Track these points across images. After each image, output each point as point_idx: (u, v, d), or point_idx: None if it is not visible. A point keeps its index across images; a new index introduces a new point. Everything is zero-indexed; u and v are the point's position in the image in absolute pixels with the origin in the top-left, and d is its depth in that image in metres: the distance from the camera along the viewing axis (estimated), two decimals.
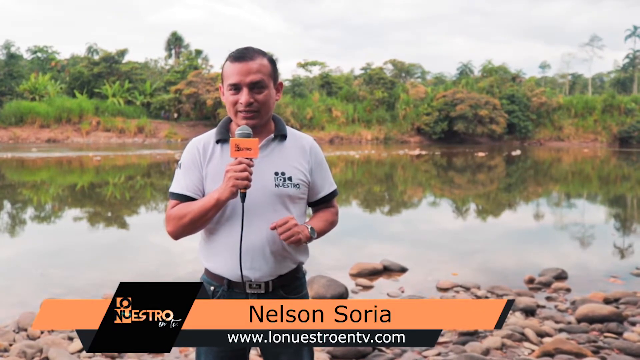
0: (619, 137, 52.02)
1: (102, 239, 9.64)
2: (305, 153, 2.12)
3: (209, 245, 2.09)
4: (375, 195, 16.25)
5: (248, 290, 2.04)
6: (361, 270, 7.03)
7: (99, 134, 45.98)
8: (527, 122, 51.87)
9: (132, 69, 52.72)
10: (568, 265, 7.44)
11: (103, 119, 46.75)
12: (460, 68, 67.07)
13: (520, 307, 5.49)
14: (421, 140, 50.84)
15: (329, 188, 2.21)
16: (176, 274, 7.09)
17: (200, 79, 47.76)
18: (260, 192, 2.00)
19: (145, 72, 55.82)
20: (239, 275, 2.01)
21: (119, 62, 52.77)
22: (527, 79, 59.31)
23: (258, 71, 1.99)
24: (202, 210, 1.95)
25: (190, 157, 2.07)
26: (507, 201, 15.84)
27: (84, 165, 24.59)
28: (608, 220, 12.92)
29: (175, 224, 2.01)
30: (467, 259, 8.21)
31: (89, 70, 52.05)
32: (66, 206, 13.64)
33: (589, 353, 4.24)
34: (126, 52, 53.77)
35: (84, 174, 21.31)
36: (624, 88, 67.36)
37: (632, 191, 18.53)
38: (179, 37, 61.07)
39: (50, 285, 6.36)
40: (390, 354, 4.26)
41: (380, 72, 57.06)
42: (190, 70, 51.10)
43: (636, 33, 66.44)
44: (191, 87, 47.06)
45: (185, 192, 2.05)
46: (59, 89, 51.17)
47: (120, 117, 47.79)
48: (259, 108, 2.00)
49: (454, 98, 49.97)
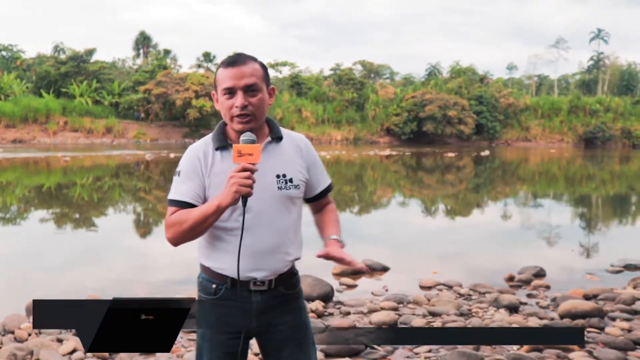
0: (584, 137, 53.15)
1: (78, 240, 9.50)
2: (301, 152, 2.17)
3: (213, 245, 2.11)
4: (348, 196, 16.32)
5: (252, 287, 2.09)
6: (344, 270, 7.04)
7: (66, 134, 45.24)
8: (494, 122, 52.64)
9: (100, 68, 51.93)
10: (545, 263, 7.57)
11: (70, 119, 46.00)
12: (428, 69, 67.84)
13: (504, 304, 5.58)
14: (390, 141, 51.17)
15: (325, 183, 2.27)
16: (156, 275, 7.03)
17: (169, 79, 47.33)
18: (264, 196, 2.04)
19: (113, 72, 55.09)
20: (246, 276, 2.06)
21: (87, 62, 51.94)
22: (495, 80, 60.20)
23: (251, 75, 2.03)
24: (202, 217, 1.97)
25: (191, 165, 2.08)
26: (481, 201, 16.06)
27: (53, 166, 24.16)
28: (580, 219, 13.20)
29: (175, 230, 2.02)
30: (447, 258, 8.32)
31: (55, 69, 51.16)
32: (38, 208, 13.40)
33: (576, 347, 4.34)
34: (94, 51, 53.02)
35: (52, 174, 20.94)
36: (588, 89, 68.86)
37: (598, 191, 18.96)
38: (147, 37, 60.46)
39: (32, 287, 6.24)
40: (382, 351, 4.29)
41: (349, 73, 57.32)
42: (159, 70, 50.57)
43: (600, 35, 67.99)
44: (160, 87, 46.60)
45: (185, 199, 2.05)
46: (24, 88, 50.20)
47: (88, 117, 47.09)
48: (254, 111, 2.03)
49: (423, 99, 50.44)
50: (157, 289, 6.28)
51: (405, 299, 5.87)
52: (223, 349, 2.11)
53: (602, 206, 15.65)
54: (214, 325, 2.12)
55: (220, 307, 2.11)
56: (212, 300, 2.12)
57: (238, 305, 2.09)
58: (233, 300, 2.09)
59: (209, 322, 2.13)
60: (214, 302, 2.11)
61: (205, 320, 2.14)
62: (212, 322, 2.12)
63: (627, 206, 15.77)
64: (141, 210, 13.50)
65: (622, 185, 21.26)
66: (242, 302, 2.09)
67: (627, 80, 67.63)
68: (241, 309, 2.10)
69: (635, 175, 26.13)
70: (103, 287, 6.26)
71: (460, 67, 59.82)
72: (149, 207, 13.94)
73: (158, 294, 5.95)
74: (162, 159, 28.10)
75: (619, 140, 53.28)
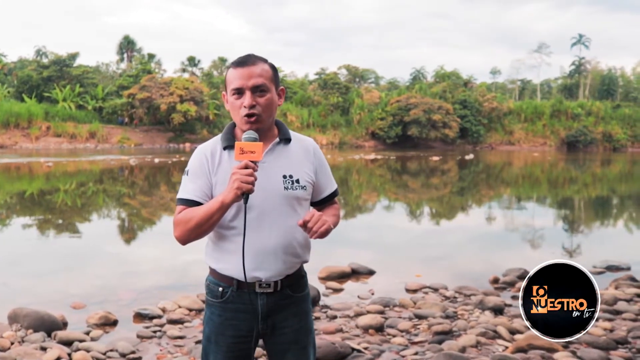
0: (567, 141, 53.71)
1: (62, 247, 9.42)
2: (309, 155, 2.18)
3: (218, 247, 2.12)
4: None
5: (257, 289, 2.09)
6: (330, 274, 7.07)
7: (49, 140, 44.81)
8: (478, 126, 53.02)
9: (83, 72, 51.55)
10: (530, 265, 7.61)
11: (53, 124, 45.56)
12: (413, 73, 68.17)
13: (489, 306, 5.62)
14: (376, 145, 51.32)
15: (332, 187, 2.28)
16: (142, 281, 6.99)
17: (154, 84, 47.12)
18: (270, 195, 2.05)
19: (97, 76, 54.70)
20: (250, 276, 2.06)
21: (70, 66, 51.53)
22: (479, 85, 60.66)
23: (260, 75, 2.04)
24: (207, 214, 1.97)
25: (198, 164, 2.10)
26: (465, 205, 16.16)
27: (35, 172, 23.92)
28: (563, 221, 13.32)
29: (182, 228, 2.03)
30: (432, 261, 8.36)
31: (38, 73, 50.72)
32: (20, 214, 13.26)
33: (560, 347, 4.38)
34: (77, 55, 52.69)
35: (35, 180, 20.74)
36: (570, 94, 69.59)
37: (581, 193, 19.15)
38: (131, 41, 60.23)
39: (15, 295, 6.17)
40: (369, 355, 4.30)
41: (334, 77, 57.48)
42: (143, 74, 50.32)
43: (581, 41, 68.75)
44: (144, 91, 46.37)
45: (192, 197, 2.06)
46: (6, 92, 49.70)
47: (72, 122, 46.68)
48: (262, 112, 2.04)
49: (408, 103, 50.72)
50: (142, 295, 6.25)
51: (391, 302, 5.89)
52: (229, 351, 2.13)
53: (584, 208, 15.81)
54: (220, 328, 2.13)
55: (227, 311, 2.12)
56: (219, 304, 2.13)
57: (244, 308, 2.10)
58: (239, 303, 2.10)
59: (216, 324, 2.14)
60: (221, 305, 2.12)
61: (212, 322, 2.15)
62: (219, 325, 2.13)
63: (608, 208, 15.94)
64: (126, 216, 13.41)
65: (603, 188, 21.50)
66: (248, 304, 2.09)
67: (607, 84, 68.40)
68: (247, 312, 2.10)
69: (616, 178, 26.43)
70: (87, 294, 6.21)
71: (444, 72, 60.25)
72: (133, 212, 13.86)
73: (143, 301, 5.92)
74: (147, 163, 27.93)
75: (600, 144, 53.92)
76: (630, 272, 7.45)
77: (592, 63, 71.15)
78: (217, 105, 49.73)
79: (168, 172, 23.76)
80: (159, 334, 4.92)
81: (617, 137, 54.06)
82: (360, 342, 4.62)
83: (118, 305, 5.77)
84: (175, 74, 56.46)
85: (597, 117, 55.70)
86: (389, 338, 4.83)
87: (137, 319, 5.33)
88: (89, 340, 4.70)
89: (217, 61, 63.49)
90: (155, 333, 4.94)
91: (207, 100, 48.13)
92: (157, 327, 5.10)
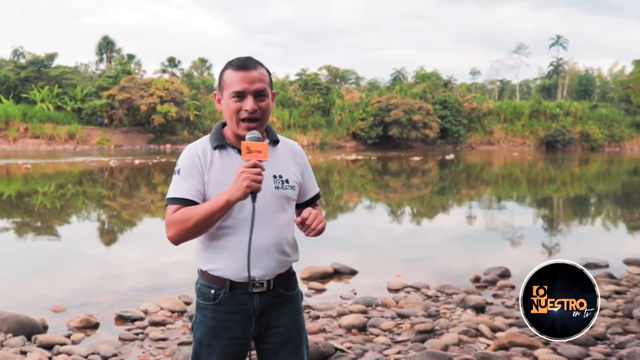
0: (545, 141, 54.26)
1: (41, 249, 9.33)
2: (296, 156, 2.22)
3: (210, 247, 2.10)
4: None
5: (251, 289, 2.08)
6: (313, 274, 7.07)
7: (27, 141, 44.20)
8: (459, 126, 53.37)
9: (62, 73, 50.86)
10: (510, 263, 7.71)
11: (31, 125, 44.95)
12: (393, 74, 68.31)
13: (471, 304, 5.67)
14: (357, 145, 51.41)
15: (315, 190, 2.32)
16: (123, 283, 6.94)
17: (133, 85, 46.72)
18: (263, 195, 2.04)
19: (75, 77, 54.05)
20: (245, 275, 2.04)
21: (48, 66, 50.83)
22: (459, 85, 61.04)
23: (261, 80, 2.07)
24: (209, 212, 1.96)
25: (191, 162, 2.07)
26: (446, 205, 16.27)
27: (13, 174, 23.62)
28: (542, 220, 13.47)
29: (179, 228, 2.00)
30: (413, 261, 8.41)
31: (15, 74, 49.97)
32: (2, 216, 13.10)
33: (541, 344, 4.44)
34: (56, 56, 51.98)
35: (13, 182, 20.48)
36: (549, 94, 70.31)
37: (559, 192, 19.38)
38: (110, 41, 59.65)
39: None
40: (352, 354, 4.31)
41: (315, 78, 57.47)
42: (123, 75, 49.83)
43: (559, 42, 69.51)
44: (124, 92, 45.93)
45: (187, 196, 2.04)
46: None
47: (50, 123, 46.07)
48: (261, 116, 2.07)
49: (389, 103, 50.87)
50: (123, 297, 6.20)
51: (373, 302, 5.91)
52: (222, 354, 2.11)
53: (563, 207, 16.00)
54: (213, 331, 2.11)
55: (220, 313, 2.10)
56: (212, 306, 2.10)
57: (238, 310, 2.08)
58: (233, 304, 2.08)
59: (208, 327, 2.11)
60: (214, 307, 2.10)
61: (205, 325, 2.12)
62: (212, 328, 2.11)
63: (586, 207, 16.14)
64: (106, 218, 13.30)
65: (581, 187, 21.78)
66: (242, 306, 2.08)
67: (585, 85, 69.19)
68: (241, 314, 2.09)
69: (593, 177, 26.77)
70: (67, 297, 6.15)
71: (424, 72, 60.49)
72: (113, 214, 13.75)
73: (125, 303, 5.88)
74: (127, 165, 27.71)
75: (578, 143, 54.56)
76: (608, 269, 7.57)
77: (569, 64, 72.00)
78: (198, 106, 49.47)
79: (149, 173, 23.59)
80: (141, 336, 4.89)
81: (595, 136, 54.75)
82: (343, 342, 4.63)
83: (99, 308, 5.73)
84: (155, 74, 56.01)
85: (575, 117, 56.36)
86: (372, 337, 4.85)
87: (119, 322, 5.30)
88: (70, 343, 4.66)
89: (197, 62, 63.12)
90: (137, 335, 4.91)
91: (187, 101, 47.83)
92: (139, 329, 5.07)
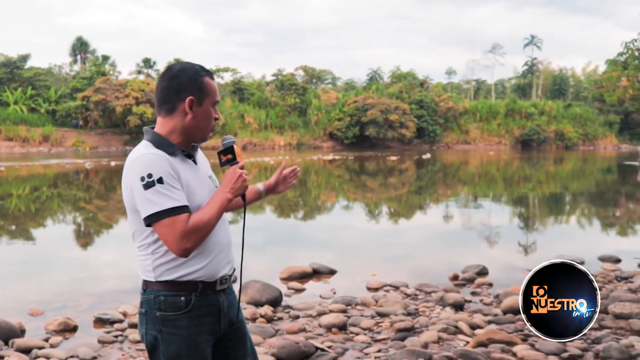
0: (521, 139, 54.84)
1: (17, 253, 9.20)
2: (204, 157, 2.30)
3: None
4: (293, 201, 16.34)
5: (218, 287, 2.08)
6: (291, 274, 7.09)
7: (0, 144, 43.56)
8: (435, 126, 53.72)
9: (35, 74, 50.18)
10: (487, 261, 7.80)
11: (5, 128, 44.27)
12: (370, 74, 68.52)
13: (449, 302, 5.73)
14: (334, 145, 51.45)
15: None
16: (101, 286, 6.88)
17: (108, 86, 46.23)
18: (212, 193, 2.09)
19: (49, 79, 53.35)
20: (220, 275, 2.08)
21: (21, 68, 50.12)
22: (435, 85, 61.41)
23: None
24: (220, 213, 2.00)
25: (167, 170, 1.95)
26: (423, 204, 16.37)
27: None
28: (518, 218, 13.63)
29: (200, 236, 1.94)
30: (392, 260, 8.46)
31: None
32: None
33: (519, 341, 4.50)
34: (28, 57, 51.25)
35: None
36: (523, 93, 71.08)
37: (535, 191, 19.63)
38: (84, 42, 58.98)
39: None
40: (333, 353, 4.33)
41: (291, 78, 57.37)
42: (97, 76, 49.29)
43: (534, 42, 70.34)
44: (99, 94, 45.44)
45: (185, 202, 1.95)
46: None
47: (24, 125, 45.43)
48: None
49: (365, 103, 51.00)
50: (102, 299, 6.15)
51: (353, 301, 5.94)
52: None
53: (538, 206, 16.21)
54: (190, 341, 2.00)
55: (194, 319, 2.01)
56: (184, 314, 2.00)
57: (207, 311, 2.04)
58: (203, 307, 2.03)
59: (185, 337, 2.00)
60: (187, 315, 2.00)
61: (180, 337, 1.99)
62: (188, 337, 2.00)
63: (562, 205, 16.37)
64: (82, 221, 13.16)
65: (556, 186, 22.07)
66: (210, 307, 2.05)
67: (559, 84, 70.06)
68: (211, 315, 2.06)
69: (568, 175, 27.15)
70: (45, 300, 6.09)
71: (400, 72, 60.76)
72: (89, 217, 13.61)
73: (103, 305, 5.83)
74: (103, 167, 27.43)
75: (553, 142, 55.24)
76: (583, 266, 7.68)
77: (544, 63, 72.83)
78: None
79: None
80: (120, 339, 4.86)
81: (569, 135, 55.48)
82: (323, 341, 4.65)
83: (77, 311, 5.68)
84: (130, 75, 55.48)
85: (549, 116, 57.04)
86: (352, 336, 4.88)
87: (98, 324, 5.26)
88: (48, 347, 4.62)
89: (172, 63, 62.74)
90: (116, 338, 4.88)
91: None
92: (119, 331, 5.04)
